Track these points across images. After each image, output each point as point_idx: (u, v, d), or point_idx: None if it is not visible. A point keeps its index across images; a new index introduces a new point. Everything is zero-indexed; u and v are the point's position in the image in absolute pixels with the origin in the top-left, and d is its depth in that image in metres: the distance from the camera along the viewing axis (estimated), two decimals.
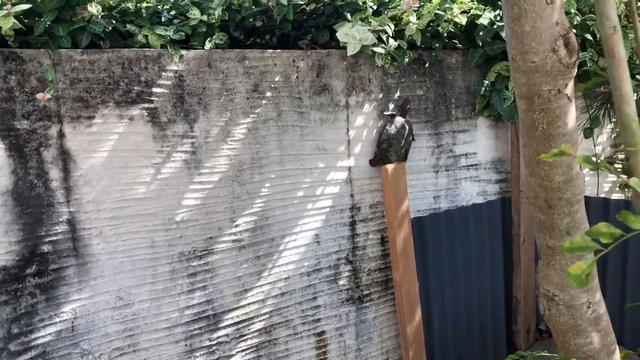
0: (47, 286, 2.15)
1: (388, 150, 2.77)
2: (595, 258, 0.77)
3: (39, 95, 2.00)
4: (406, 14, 2.70)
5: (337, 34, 2.56)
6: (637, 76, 3.13)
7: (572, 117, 1.63)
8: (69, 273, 2.19)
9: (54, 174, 2.12)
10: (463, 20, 2.83)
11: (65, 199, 2.15)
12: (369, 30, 2.57)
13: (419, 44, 2.76)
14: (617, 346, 1.97)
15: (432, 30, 2.85)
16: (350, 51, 2.56)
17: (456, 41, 3.05)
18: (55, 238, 2.14)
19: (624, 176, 0.82)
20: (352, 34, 2.54)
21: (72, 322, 2.21)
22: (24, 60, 2.02)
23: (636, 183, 0.78)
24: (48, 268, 2.14)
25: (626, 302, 3.07)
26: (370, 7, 2.76)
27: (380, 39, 2.66)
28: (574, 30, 2.93)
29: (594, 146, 3.48)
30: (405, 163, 2.87)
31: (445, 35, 2.87)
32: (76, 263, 2.20)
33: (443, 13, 2.78)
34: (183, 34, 2.33)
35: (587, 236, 0.76)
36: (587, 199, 3.08)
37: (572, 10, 2.95)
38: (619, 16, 3.18)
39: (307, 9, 2.61)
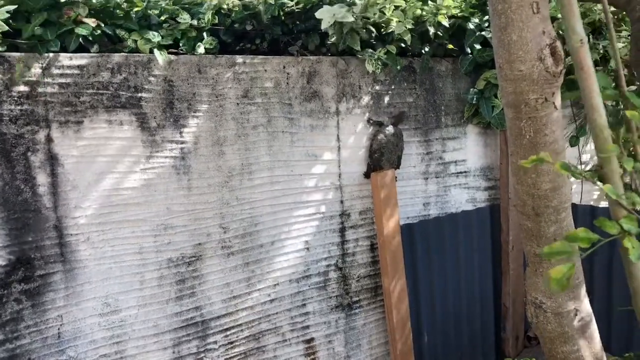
0: (33, 292, 2.13)
1: (380, 160, 2.78)
2: (574, 262, 0.77)
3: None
4: (389, 8, 2.68)
5: (316, 14, 2.54)
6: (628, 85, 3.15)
7: (559, 125, 1.64)
8: (56, 279, 2.17)
9: (42, 179, 2.10)
10: (444, 21, 2.82)
11: (52, 205, 2.13)
12: (346, 11, 2.55)
13: (409, 43, 2.76)
14: (604, 354, 1.98)
15: (420, 30, 2.84)
16: (325, 25, 2.52)
17: (446, 42, 3.05)
18: (42, 244, 2.12)
19: (600, 183, 0.83)
20: (328, 10, 2.51)
21: (59, 329, 2.19)
22: (11, 63, 2.01)
23: (609, 189, 0.79)
24: (34, 274, 2.12)
25: (613, 308, 3.09)
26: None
27: (369, 34, 2.64)
28: (564, 37, 2.96)
29: (579, 154, 3.50)
30: (398, 170, 2.89)
31: (435, 39, 2.88)
32: (63, 269, 2.18)
33: (426, 7, 2.78)
34: (171, 39, 2.32)
35: (566, 241, 0.77)
36: (574, 207, 3.11)
37: (559, 17, 2.98)
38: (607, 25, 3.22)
39: (295, 8, 2.60)
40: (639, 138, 0.86)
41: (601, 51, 3.10)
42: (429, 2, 2.82)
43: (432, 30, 2.83)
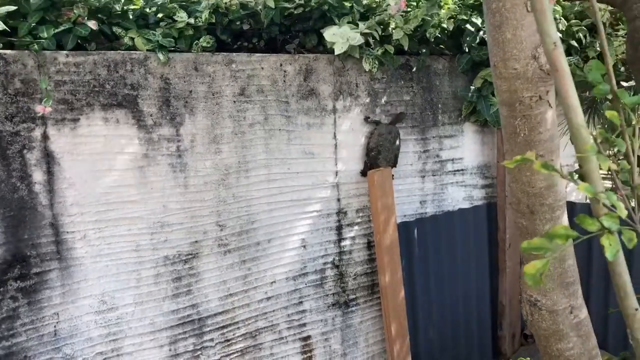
0: (29, 290, 2.13)
1: (377, 158, 2.78)
2: (550, 258, 0.78)
3: (39, 109, 2.00)
4: (393, 18, 2.72)
5: (325, 34, 2.56)
6: (622, 83, 3.16)
7: (553, 123, 1.64)
8: (52, 277, 2.17)
9: (38, 176, 2.10)
10: (450, 25, 2.85)
11: (48, 202, 2.13)
12: (356, 32, 2.58)
13: (406, 48, 2.77)
14: (598, 351, 1.98)
15: (419, 36, 2.86)
16: (338, 50, 2.54)
17: (443, 46, 3.06)
18: (38, 241, 2.13)
19: (579, 182, 0.84)
20: (340, 33, 2.54)
21: (55, 327, 2.19)
22: (7, 61, 2.01)
23: (586, 188, 0.80)
24: (31, 271, 2.12)
25: (610, 306, 3.09)
26: (358, 10, 2.78)
27: (367, 43, 2.67)
28: (561, 37, 2.97)
29: None
30: (395, 168, 2.89)
31: (433, 40, 2.89)
32: (59, 267, 2.18)
33: (430, 18, 2.79)
34: (172, 38, 2.32)
35: (546, 238, 0.78)
36: (573, 205, 3.11)
37: (557, 17, 2.99)
38: (604, 24, 3.23)
39: (295, 12, 2.61)
40: (622, 138, 0.87)
41: (598, 49, 3.11)
42: (434, 9, 2.82)
43: (431, 33, 2.83)
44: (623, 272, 0.89)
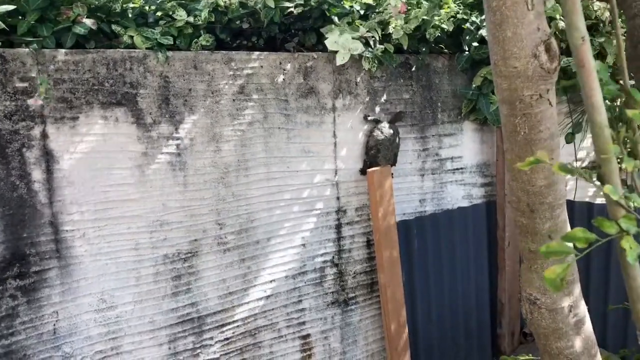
0: (28, 288, 2.13)
1: (377, 156, 2.78)
2: (570, 262, 0.77)
3: (31, 101, 2.00)
4: (394, 19, 2.72)
5: (326, 42, 2.57)
6: (621, 81, 3.16)
7: (554, 122, 1.64)
8: (51, 275, 2.17)
9: (37, 175, 2.10)
10: (450, 27, 2.85)
11: (47, 200, 2.13)
12: (357, 37, 2.58)
13: (405, 47, 2.77)
14: (598, 349, 1.98)
15: (419, 35, 2.86)
16: (340, 60, 2.58)
17: (442, 46, 3.06)
18: (37, 240, 2.12)
19: (598, 183, 0.83)
20: (342, 43, 2.55)
21: (54, 325, 2.19)
22: (6, 59, 2.00)
23: (610, 190, 0.79)
24: (30, 270, 2.12)
25: (609, 304, 3.10)
26: (358, 11, 2.78)
27: (367, 44, 2.67)
28: (560, 36, 2.97)
29: (576, 151, 3.50)
30: (394, 167, 2.89)
31: (432, 40, 2.89)
32: (59, 265, 2.18)
33: (430, 19, 2.79)
34: (171, 37, 2.32)
35: (563, 241, 0.77)
36: (571, 204, 3.11)
37: (558, 16, 2.98)
38: (603, 22, 3.23)
39: (295, 12, 2.61)
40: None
41: (597, 48, 3.10)
42: (435, 10, 2.82)
43: (431, 33, 2.83)
44: (638, 276, 0.88)
